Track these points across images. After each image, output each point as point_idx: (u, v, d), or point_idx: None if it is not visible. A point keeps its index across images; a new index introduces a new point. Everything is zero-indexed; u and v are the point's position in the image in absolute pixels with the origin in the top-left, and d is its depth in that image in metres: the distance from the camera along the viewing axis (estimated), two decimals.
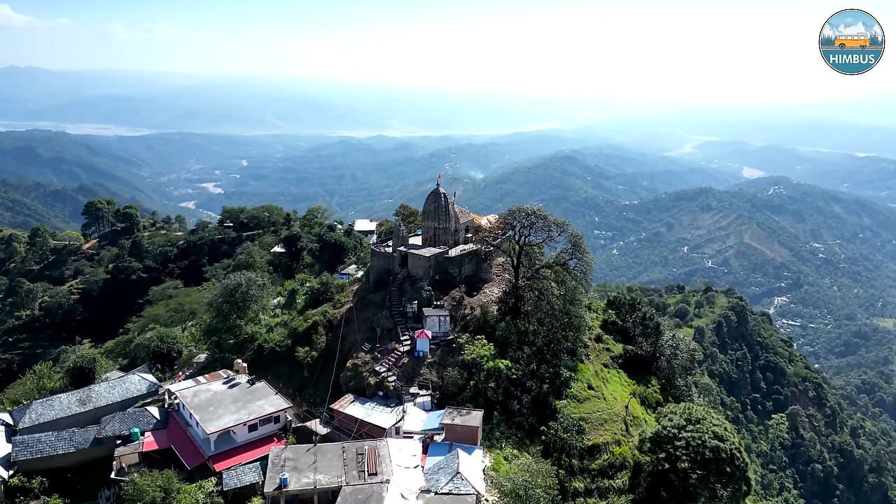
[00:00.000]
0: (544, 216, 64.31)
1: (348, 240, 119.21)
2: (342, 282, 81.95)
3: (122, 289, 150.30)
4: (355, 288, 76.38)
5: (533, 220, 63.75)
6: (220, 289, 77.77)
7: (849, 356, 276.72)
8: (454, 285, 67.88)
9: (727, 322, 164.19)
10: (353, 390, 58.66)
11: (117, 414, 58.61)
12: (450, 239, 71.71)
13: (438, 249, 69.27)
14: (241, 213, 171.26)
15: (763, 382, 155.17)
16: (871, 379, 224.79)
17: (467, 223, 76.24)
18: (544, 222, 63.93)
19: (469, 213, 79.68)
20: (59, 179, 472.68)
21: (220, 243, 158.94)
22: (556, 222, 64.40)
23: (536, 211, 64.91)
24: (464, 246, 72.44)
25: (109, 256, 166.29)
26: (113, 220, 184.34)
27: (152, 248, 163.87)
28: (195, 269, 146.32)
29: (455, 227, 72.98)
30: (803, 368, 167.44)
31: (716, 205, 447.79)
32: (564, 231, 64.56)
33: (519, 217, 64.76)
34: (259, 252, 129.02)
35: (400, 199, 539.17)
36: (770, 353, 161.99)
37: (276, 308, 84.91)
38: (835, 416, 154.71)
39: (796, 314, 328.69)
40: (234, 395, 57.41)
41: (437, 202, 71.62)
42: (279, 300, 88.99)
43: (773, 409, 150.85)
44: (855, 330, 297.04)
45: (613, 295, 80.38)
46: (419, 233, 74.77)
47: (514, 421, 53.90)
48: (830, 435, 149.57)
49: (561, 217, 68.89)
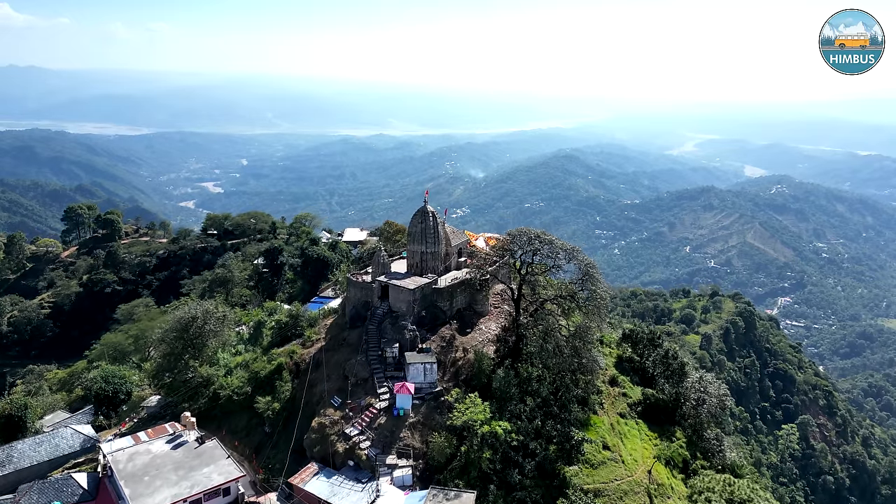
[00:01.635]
0: (550, 240, 56.74)
1: (333, 254, 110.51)
2: (315, 314, 71.59)
3: (97, 303, 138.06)
4: (329, 322, 66.53)
5: (537, 246, 56.34)
6: (173, 323, 67.19)
7: (854, 357, 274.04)
8: (444, 321, 59.12)
9: (735, 328, 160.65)
10: (319, 457, 49.48)
11: (36, 483, 48.31)
12: (439, 265, 62.59)
13: (425, 280, 60.12)
14: (225, 220, 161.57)
15: (772, 391, 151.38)
16: (878, 382, 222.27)
17: (460, 245, 67.82)
18: (550, 248, 56.15)
19: (463, 234, 72.08)
20: (59, 179, 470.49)
21: (203, 253, 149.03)
22: (563, 248, 56.88)
23: (541, 234, 57.50)
24: (456, 273, 63.55)
25: (84, 267, 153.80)
26: (94, 226, 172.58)
27: (129, 258, 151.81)
28: (175, 282, 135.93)
29: (446, 251, 64.15)
30: (813, 376, 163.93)
31: (718, 204, 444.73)
32: (574, 258, 56.53)
33: (520, 241, 57.44)
34: (239, 266, 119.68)
35: (400, 198, 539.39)
36: (779, 359, 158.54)
37: (240, 342, 74.39)
38: (846, 425, 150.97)
39: (800, 315, 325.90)
40: (177, 460, 48.82)
41: (425, 222, 61.42)
42: (242, 331, 77.87)
43: (782, 418, 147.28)
44: (860, 331, 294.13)
45: (629, 327, 70.06)
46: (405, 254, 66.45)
47: (514, 497, 45.03)
48: (842, 445, 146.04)
49: (563, 216, 65.71)
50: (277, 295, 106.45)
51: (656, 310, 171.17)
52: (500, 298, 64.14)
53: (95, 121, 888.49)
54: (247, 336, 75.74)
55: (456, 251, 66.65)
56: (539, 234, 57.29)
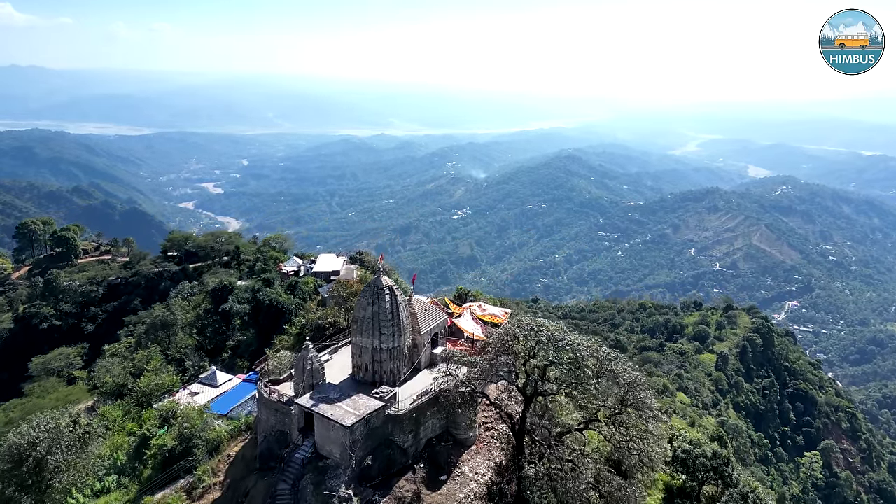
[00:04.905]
0: (572, 344, 37.88)
1: (290, 299, 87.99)
2: (219, 432, 48.14)
3: (32, 341, 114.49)
4: (237, 451, 45.96)
5: (550, 356, 37.72)
6: (2, 452, 45.68)
7: (864, 364, 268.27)
8: (405, 466, 39.17)
9: (752, 346, 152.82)
10: None
11: None
12: (401, 366, 43.14)
13: (373, 403, 39.42)
14: (187, 240, 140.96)
15: (792, 413, 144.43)
16: (893, 392, 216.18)
17: (436, 329, 46.85)
18: (571, 352, 37.66)
19: (440, 309, 49.64)
20: (57, 180, 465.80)
21: (159, 279, 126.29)
22: (592, 351, 38.29)
23: (554, 332, 38.61)
24: (428, 376, 43.46)
25: (25, 296, 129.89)
26: (50, 243, 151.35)
27: (72, 286, 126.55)
28: (127, 313, 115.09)
29: (413, 341, 44.51)
30: (834, 396, 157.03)
31: (723, 205, 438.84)
32: (609, 371, 37.85)
33: (523, 342, 39.05)
34: (182, 306, 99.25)
35: (401, 199, 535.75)
36: (799, 379, 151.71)
37: (111, 471, 50.63)
38: (870, 450, 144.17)
39: (808, 319, 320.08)
40: None
41: (379, 303, 41.89)
42: (114, 459, 51.77)
43: (804, 443, 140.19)
44: (870, 337, 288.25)
45: (683, 448, 50.33)
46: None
47: None
48: (867, 472, 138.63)
49: (565, 217, 52.50)
50: (228, 343, 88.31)
51: (668, 325, 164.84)
52: (496, 416, 42.80)
53: (96, 121, 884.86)
54: (123, 460, 51.81)
55: (429, 339, 45.91)
56: (553, 335, 38.49)
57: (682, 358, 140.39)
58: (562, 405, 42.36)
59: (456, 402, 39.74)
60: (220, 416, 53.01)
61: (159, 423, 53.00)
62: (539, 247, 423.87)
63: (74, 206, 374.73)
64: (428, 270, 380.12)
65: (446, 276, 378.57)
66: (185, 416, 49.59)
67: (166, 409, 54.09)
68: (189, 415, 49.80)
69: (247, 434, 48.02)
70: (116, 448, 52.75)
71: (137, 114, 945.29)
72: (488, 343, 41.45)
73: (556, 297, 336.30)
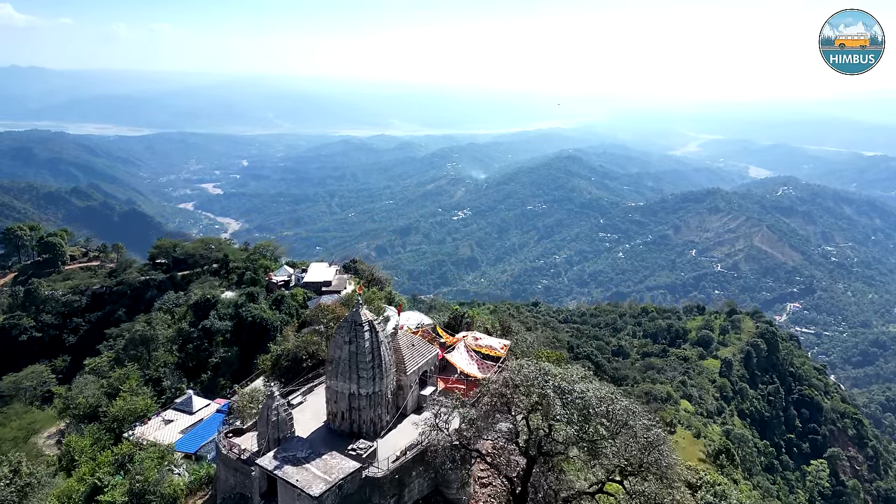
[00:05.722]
0: (583, 397, 32.31)
1: (275, 315, 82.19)
2: (176, 486, 41.60)
3: (12, 354, 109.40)
4: None
5: (558, 411, 32.11)
6: None
7: (866, 366, 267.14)
8: None
9: (756, 351, 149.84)
10: None
11: None
12: (383, 414, 37.55)
13: (346, 468, 33.19)
14: (175, 248, 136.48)
15: (798, 420, 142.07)
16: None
17: (425, 367, 41.18)
18: (580, 405, 32.15)
19: (429, 342, 44.29)
20: (56, 181, 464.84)
21: (145, 288, 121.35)
22: (607, 404, 32.50)
23: (562, 383, 32.94)
24: (416, 422, 37.68)
25: (4, 307, 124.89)
26: (37, 248, 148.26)
27: (54, 296, 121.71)
28: (110, 324, 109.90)
29: (399, 383, 39.14)
30: (840, 402, 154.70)
31: (724, 206, 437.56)
32: (629, 429, 32.33)
33: (525, 393, 33.32)
34: (164, 319, 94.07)
35: (401, 200, 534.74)
36: (804, 384, 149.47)
37: None
38: (877, 458, 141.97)
39: (809, 321, 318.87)
40: None
41: (357, 341, 36.26)
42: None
43: (809, 450, 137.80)
44: (872, 339, 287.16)
45: (707, 500, 47.16)
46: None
47: None
48: (874, 480, 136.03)
49: (566, 218, 50.36)
50: (210, 360, 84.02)
51: (670, 330, 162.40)
52: (494, 468, 36.20)
53: (96, 121, 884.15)
54: None
55: (416, 379, 40.18)
56: (560, 386, 32.80)
57: (685, 364, 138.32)
58: (570, 459, 37.12)
59: (445, 461, 34.61)
60: (186, 456, 48.52)
61: (114, 469, 47.01)
62: (539, 248, 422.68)
63: (73, 208, 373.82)
64: (428, 271, 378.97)
65: (446, 277, 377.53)
66: (140, 465, 42.50)
67: (122, 454, 48.25)
68: (145, 463, 42.72)
69: (207, 488, 41.89)
70: (65, 498, 45.66)
71: (137, 114, 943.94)
72: (486, 386, 35.94)
73: (557, 298, 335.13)
